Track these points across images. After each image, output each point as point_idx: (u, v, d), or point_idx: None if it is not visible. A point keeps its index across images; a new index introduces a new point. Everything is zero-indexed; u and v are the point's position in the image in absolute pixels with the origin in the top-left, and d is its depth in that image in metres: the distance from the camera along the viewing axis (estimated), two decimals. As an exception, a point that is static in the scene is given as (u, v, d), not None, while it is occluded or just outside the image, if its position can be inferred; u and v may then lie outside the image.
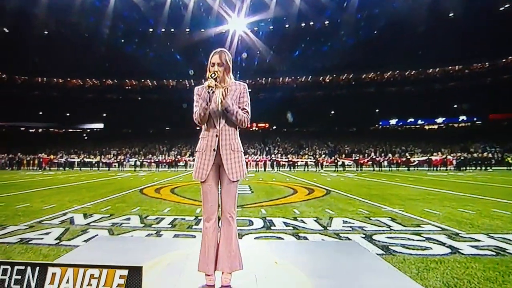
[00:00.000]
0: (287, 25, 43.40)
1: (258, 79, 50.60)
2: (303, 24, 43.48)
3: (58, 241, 3.98)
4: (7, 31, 38.94)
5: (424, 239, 3.97)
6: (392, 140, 39.48)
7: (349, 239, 4.03)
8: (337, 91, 48.58)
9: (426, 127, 44.91)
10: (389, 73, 46.93)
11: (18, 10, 35.02)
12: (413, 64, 43.35)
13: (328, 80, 49.81)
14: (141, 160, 29.17)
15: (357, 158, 26.02)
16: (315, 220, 5.21)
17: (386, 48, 40.62)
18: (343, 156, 29.50)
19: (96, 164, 28.47)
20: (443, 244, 3.73)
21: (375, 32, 41.52)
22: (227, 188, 2.35)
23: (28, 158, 29.61)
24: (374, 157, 26.01)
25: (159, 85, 50.65)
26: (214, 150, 2.33)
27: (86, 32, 41.89)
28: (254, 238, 4.12)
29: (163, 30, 43.38)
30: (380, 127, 46.40)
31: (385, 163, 26.21)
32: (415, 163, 26.18)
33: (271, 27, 43.93)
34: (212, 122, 2.37)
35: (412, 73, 45.84)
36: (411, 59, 41.49)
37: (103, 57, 43.06)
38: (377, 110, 45.48)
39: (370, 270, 2.78)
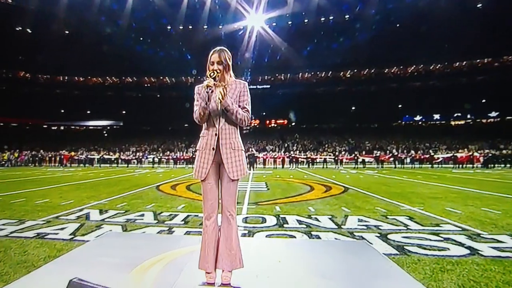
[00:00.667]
0: (306, 20, 42.80)
1: (277, 75, 50.46)
2: (322, 19, 42.70)
3: (72, 236, 4.13)
4: (30, 31, 40.53)
5: (442, 239, 3.85)
6: (415, 137, 38.41)
7: (362, 238, 3.96)
8: (358, 87, 47.65)
9: (452, 123, 43.35)
10: (412, 67, 45.48)
11: (40, 11, 36.40)
12: (438, 57, 41.79)
13: (348, 75, 48.91)
14: (159, 157, 29.71)
15: (378, 155, 25.42)
16: (329, 218, 5.15)
17: (409, 41, 39.32)
18: (363, 153, 28.93)
19: (115, 161, 29.14)
20: (462, 244, 3.60)
21: (398, 25, 40.31)
22: (227, 186, 2.36)
23: (50, 155, 30.60)
24: (396, 154, 25.32)
25: (177, 82, 51.30)
26: (213, 148, 2.34)
27: (105, 31, 42.94)
28: (266, 236, 4.11)
29: (181, 27, 43.82)
30: (403, 123, 45.16)
31: (408, 160, 25.55)
32: (439, 160, 25.38)
33: (290, 23, 43.43)
34: (211, 121, 2.38)
35: (437, 67, 44.22)
36: (437, 52, 40.01)
37: (122, 56, 44.08)
38: (399, 106, 44.34)
39: (376, 271, 2.72)
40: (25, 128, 44.68)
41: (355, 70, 47.76)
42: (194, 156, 27.54)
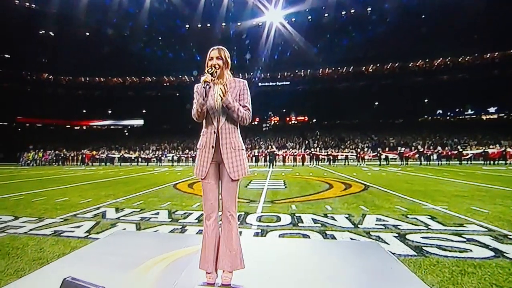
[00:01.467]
0: (326, 14, 42.15)
1: (297, 71, 50.05)
2: (343, 12, 41.95)
3: (87, 234, 4.24)
4: (52, 34, 42.24)
5: (464, 240, 3.67)
6: (443, 132, 37.07)
7: (379, 238, 3.84)
8: (381, 81, 46.41)
9: (484, 117, 41.47)
10: (439, 60, 43.86)
11: (61, 14, 37.98)
12: (467, 49, 40.10)
13: (371, 70, 47.83)
14: (178, 155, 30.17)
15: (402, 151, 24.69)
16: (346, 217, 5.04)
17: (435, 33, 37.93)
18: (387, 149, 28.20)
19: (135, 160, 29.87)
20: (486, 246, 3.42)
21: (423, 16, 38.95)
22: (227, 186, 2.35)
23: (73, 154, 31.78)
24: (422, 150, 24.50)
25: (196, 81, 51.47)
26: (212, 147, 2.34)
27: (125, 32, 44.07)
28: (279, 236, 4.07)
29: (199, 26, 44.24)
30: (430, 118, 43.68)
31: (434, 156, 24.68)
32: (468, 157, 24.32)
33: (310, 17, 42.92)
34: (210, 119, 2.38)
35: (466, 59, 42.40)
36: (465, 43, 38.32)
37: (142, 56, 45.12)
38: (426, 100, 42.91)
39: (383, 273, 2.63)
40: (49, 128, 46.64)
41: (378, 65, 46.63)
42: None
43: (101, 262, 2.97)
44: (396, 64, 45.93)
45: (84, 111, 48.27)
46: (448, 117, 42.90)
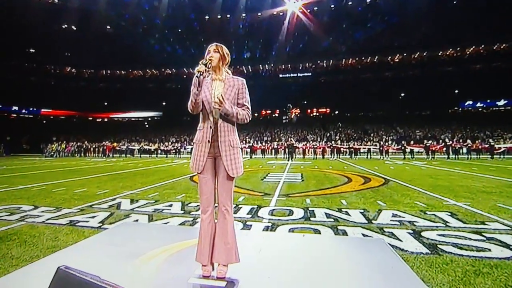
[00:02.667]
0: (350, 3, 41.01)
1: (319, 62, 49.26)
2: (368, 1, 40.66)
3: (100, 224, 4.40)
4: (74, 28, 43.59)
5: (484, 238, 3.53)
6: (474, 124, 35.55)
7: (393, 234, 3.75)
8: (408, 71, 44.98)
9: (520, 109, 39.41)
10: (471, 49, 41.80)
11: (83, 9, 39.20)
12: (503, 36, 37.95)
13: (397, 60, 46.36)
14: (197, 147, 30.53)
15: (428, 144, 23.89)
16: (361, 212, 4.96)
17: (467, 19, 36.09)
18: (412, 142, 27.37)
19: (154, 151, 30.49)
20: (508, 246, 3.27)
21: (454, 1, 37.17)
22: (223, 182, 2.39)
23: (94, 146, 32.87)
24: (450, 143, 23.60)
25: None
26: (208, 141, 2.38)
27: (145, 25, 44.80)
28: (289, 230, 4.06)
29: (218, 17, 44.24)
30: (460, 109, 41.95)
31: (464, 150, 23.75)
32: (501, 151, 23.23)
33: (332, 6, 41.91)
34: (206, 113, 2.41)
35: (502, 46, 40.17)
36: (501, 30, 36.27)
37: (161, 48, 45.79)
38: (456, 91, 41.20)
39: (382, 271, 2.57)
40: (72, 120, 48.49)
41: (405, 54, 45.09)
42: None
43: (102, 252, 3.07)
44: (425, 53, 44.22)
45: (106, 103, 49.73)
46: (480, 109, 41.01)
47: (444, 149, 23.68)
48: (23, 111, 44.96)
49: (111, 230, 4.00)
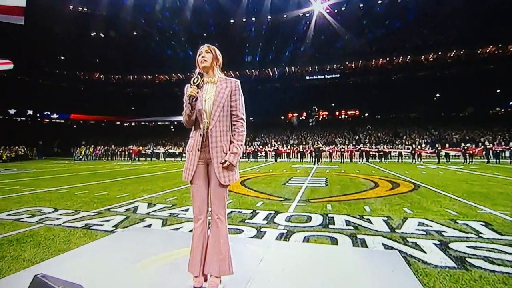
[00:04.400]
0: (380, 1, 40.00)
1: (347, 63, 48.38)
2: (399, -1, 39.50)
3: (114, 228, 4.45)
4: (102, 36, 45.55)
5: (522, 252, 3.21)
6: (518, 126, 33.47)
7: (416, 245, 3.50)
8: (444, 71, 43.11)
9: None
10: (515, 45, 39.43)
11: (111, 16, 41.11)
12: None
13: (431, 59, 44.59)
14: (221, 151, 30.78)
15: (465, 147, 22.66)
16: (384, 220, 4.70)
17: (509, 14, 34.13)
18: (447, 145, 26.09)
19: (179, 155, 30.98)
20: (549, 261, 2.94)
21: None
22: (216, 190, 2.32)
23: (121, 150, 33.98)
24: (490, 146, 22.27)
25: (241, 75, 52.53)
26: (198, 149, 2.32)
27: (170, 30, 46.05)
28: (304, 237, 3.90)
29: (243, 20, 44.58)
30: (503, 110, 39.58)
31: (506, 153, 22.34)
32: (549, 154, 21.65)
33: (361, 5, 41.10)
34: (198, 121, 2.36)
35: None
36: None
37: (186, 53, 46.73)
38: (498, 91, 38.97)
39: (389, 285, 2.40)
40: (101, 124, 50.50)
41: (440, 53, 43.28)
42: (256, 150, 28.31)
43: (103, 258, 3.09)
44: (462, 51, 42.26)
45: (133, 108, 51.38)
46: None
47: (484, 152, 22.40)
48: (55, 116, 47.33)
49: (114, 236, 4.02)
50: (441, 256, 3.12)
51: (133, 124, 53.00)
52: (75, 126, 49.49)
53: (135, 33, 46.84)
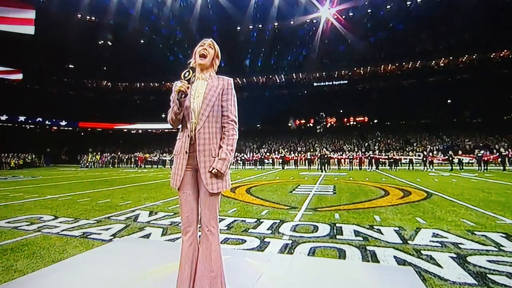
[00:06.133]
0: (388, 6, 39.80)
1: (355, 69, 48.20)
2: (408, 3, 39.19)
3: (112, 237, 4.31)
4: (110, 44, 46.29)
5: (549, 268, 2.95)
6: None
7: (431, 258, 3.26)
8: (456, 76, 42.62)
9: None
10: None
11: (118, 25, 41.93)
12: None
13: (443, 64, 44.15)
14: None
15: (480, 154, 22.11)
16: (395, 231, 4.47)
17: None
18: (460, 152, 25.51)
19: (185, 162, 31.09)
20: None
21: (508, -1, 34.82)
22: (205, 199, 2.11)
23: (127, 157, 34.23)
24: (505, 153, 21.70)
25: (248, 82, 52.65)
26: (186, 152, 2.12)
27: (176, 38, 46.56)
28: (310, 249, 3.69)
29: (250, 27, 44.79)
30: (518, 116, 38.71)
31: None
32: None
33: (369, 11, 40.96)
34: (185, 120, 2.16)
35: None
36: None
37: (194, 60, 47.31)
38: (512, 96, 38.25)
39: None
40: (108, 132, 50.99)
41: (451, 58, 42.80)
42: (262, 157, 28.13)
43: (88, 271, 2.98)
44: (474, 56, 41.71)
45: (140, 115, 51.80)
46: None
47: (499, 159, 21.85)
48: (63, 123, 47.95)
49: (106, 247, 3.87)
50: (459, 271, 2.89)
51: (140, 131, 53.36)
52: (82, 133, 50.12)
53: (142, 41, 47.48)
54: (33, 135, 42.97)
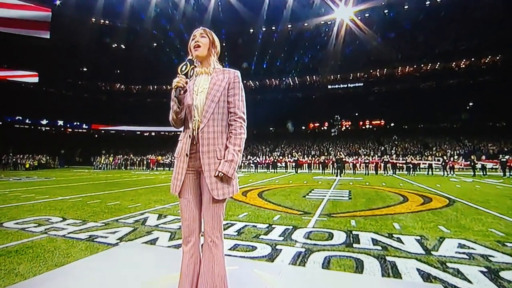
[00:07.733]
0: (406, 6, 39.09)
1: (371, 71, 47.64)
2: (427, 3, 38.41)
3: (118, 241, 4.21)
4: (123, 47, 47.12)
5: None
6: None
7: (458, 272, 3.01)
8: (478, 78, 41.52)
9: None
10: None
11: (131, 28, 42.95)
12: None
13: (463, 66, 43.11)
14: (241, 161, 30.61)
15: (505, 159, 21.33)
16: (417, 240, 4.21)
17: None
18: (483, 157, 24.71)
19: (198, 164, 31.23)
20: None
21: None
22: (208, 206, 1.92)
23: (139, 159, 34.58)
24: (531, 159, 20.91)
25: (261, 85, 52.60)
26: (186, 155, 1.95)
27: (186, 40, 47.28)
28: (325, 258, 3.48)
29: (263, 29, 44.75)
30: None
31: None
32: None
33: (386, 11, 40.34)
34: (187, 120, 2.00)
35: None
36: None
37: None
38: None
39: None
40: (121, 134, 51.83)
41: (473, 59, 41.76)
42: (275, 160, 27.90)
43: (87, 278, 2.87)
44: (498, 57, 40.57)
45: (153, 117, 52.47)
46: None
47: (525, 165, 21.06)
48: (76, 124, 48.97)
49: (108, 252, 3.73)
50: (490, 287, 2.64)
51: (153, 134, 53.95)
52: (96, 135, 51.11)
53: (155, 44, 48.14)
54: (48, 137, 43.98)
